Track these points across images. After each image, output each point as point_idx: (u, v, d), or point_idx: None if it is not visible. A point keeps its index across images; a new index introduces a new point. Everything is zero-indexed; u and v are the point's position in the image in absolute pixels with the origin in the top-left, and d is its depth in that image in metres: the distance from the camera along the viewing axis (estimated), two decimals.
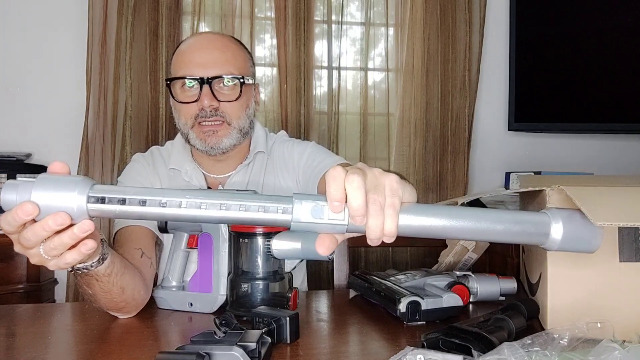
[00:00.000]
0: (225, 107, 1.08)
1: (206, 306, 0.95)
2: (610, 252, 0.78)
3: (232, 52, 1.10)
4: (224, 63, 1.07)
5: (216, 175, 1.17)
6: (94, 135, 1.89)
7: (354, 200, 0.55)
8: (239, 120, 1.10)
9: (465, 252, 1.64)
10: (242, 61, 1.12)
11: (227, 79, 1.07)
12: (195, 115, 1.07)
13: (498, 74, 2.19)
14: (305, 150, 1.20)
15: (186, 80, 1.06)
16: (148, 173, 1.17)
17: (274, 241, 0.89)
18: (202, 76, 1.05)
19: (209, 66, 1.06)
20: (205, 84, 1.05)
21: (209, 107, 1.06)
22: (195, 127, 1.09)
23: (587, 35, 2.04)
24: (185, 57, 1.09)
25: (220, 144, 1.09)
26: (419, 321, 0.88)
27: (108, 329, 0.87)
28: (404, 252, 2.06)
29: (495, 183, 2.20)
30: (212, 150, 1.09)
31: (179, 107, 1.10)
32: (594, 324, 0.71)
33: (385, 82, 2.13)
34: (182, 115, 1.10)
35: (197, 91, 1.06)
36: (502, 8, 2.16)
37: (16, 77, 1.94)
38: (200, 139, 1.09)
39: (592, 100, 2.06)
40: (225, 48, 1.10)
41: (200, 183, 1.15)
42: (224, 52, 1.09)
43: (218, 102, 1.07)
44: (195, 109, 1.07)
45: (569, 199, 0.71)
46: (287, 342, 0.77)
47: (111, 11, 1.90)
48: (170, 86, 1.10)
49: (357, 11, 2.14)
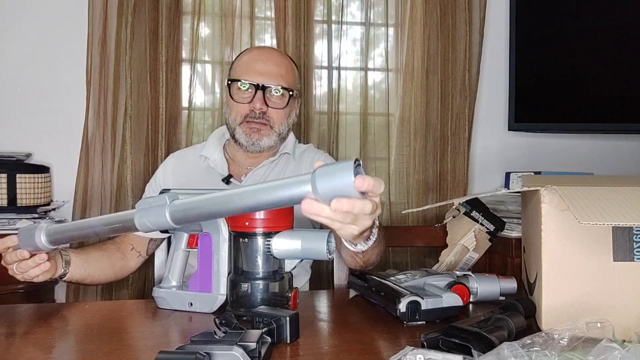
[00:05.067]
0: (272, 112, 1.27)
1: (206, 306, 0.95)
2: (605, 251, 0.79)
3: (286, 68, 1.30)
4: (278, 76, 1.27)
5: (243, 166, 1.33)
6: (94, 135, 1.89)
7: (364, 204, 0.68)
8: (280, 126, 1.29)
9: (466, 251, 1.64)
10: (292, 77, 1.31)
11: (278, 89, 1.26)
12: (245, 115, 1.26)
13: (498, 74, 2.19)
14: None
15: (245, 83, 1.26)
16: (158, 179, 1.37)
17: (273, 241, 0.90)
18: (258, 82, 1.25)
19: (265, 75, 1.26)
20: (260, 90, 1.25)
21: (258, 110, 1.25)
22: (243, 124, 1.27)
23: (586, 35, 2.04)
24: (248, 64, 1.29)
25: (261, 142, 1.27)
26: (419, 321, 0.88)
27: (108, 329, 0.87)
28: (404, 252, 2.06)
29: (495, 183, 2.20)
30: (252, 146, 1.27)
31: (232, 105, 1.28)
32: (594, 324, 0.71)
33: (385, 82, 2.13)
34: (234, 112, 1.28)
35: (251, 94, 1.26)
36: (502, 8, 2.16)
37: (16, 77, 1.93)
38: (245, 134, 1.26)
39: (592, 100, 2.06)
40: (282, 64, 1.29)
41: (223, 169, 1.31)
42: (280, 67, 1.28)
43: (267, 107, 1.26)
44: (247, 109, 1.26)
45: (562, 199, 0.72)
46: (287, 342, 0.77)
47: (111, 11, 1.89)
48: (229, 86, 1.29)
49: (357, 11, 2.14)
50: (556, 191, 0.77)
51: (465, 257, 1.65)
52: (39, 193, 1.77)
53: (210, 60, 2.02)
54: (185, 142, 1.97)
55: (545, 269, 0.81)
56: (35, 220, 1.72)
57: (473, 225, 1.63)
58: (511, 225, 1.67)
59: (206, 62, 2.03)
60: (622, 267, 0.78)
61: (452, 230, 1.67)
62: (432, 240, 1.75)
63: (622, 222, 0.67)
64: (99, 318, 0.93)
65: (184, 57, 2.00)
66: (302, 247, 0.88)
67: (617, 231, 0.78)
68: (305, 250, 0.88)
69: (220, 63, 2.00)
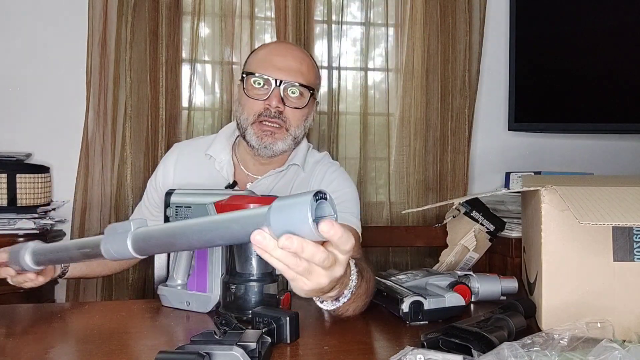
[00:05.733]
0: (289, 112, 1.13)
1: (201, 306, 0.95)
2: (605, 251, 0.79)
3: (307, 66, 1.16)
4: (298, 72, 1.13)
5: (250, 173, 1.22)
6: (94, 135, 1.89)
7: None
8: (296, 129, 1.15)
9: (466, 251, 1.64)
10: (313, 76, 1.18)
11: (298, 87, 1.13)
12: (258, 113, 1.12)
13: (498, 74, 2.19)
14: (341, 190, 1.18)
15: (260, 77, 1.12)
16: (158, 175, 1.26)
17: None
18: (276, 78, 1.11)
19: (284, 71, 1.12)
20: (277, 87, 1.11)
21: (274, 108, 1.11)
22: (255, 124, 1.13)
23: (586, 35, 2.04)
24: (265, 57, 1.15)
25: (274, 146, 1.13)
26: (421, 321, 0.88)
27: (108, 329, 0.87)
28: (404, 252, 2.06)
29: (495, 183, 2.20)
30: (264, 150, 1.14)
31: (245, 102, 1.15)
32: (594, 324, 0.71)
33: (385, 82, 2.13)
34: (246, 110, 1.15)
35: (267, 91, 1.12)
36: (502, 8, 2.16)
37: (16, 77, 1.93)
38: (257, 136, 1.13)
39: (592, 100, 2.06)
40: (303, 60, 1.16)
41: (229, 175, 1.19)
42: (301, 64, 1.14)
43: (284, 106, 1.12)
44: (261, 106, 1.12)
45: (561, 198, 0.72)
46: (287, 342, 0.77)
47: (111, 11, 1.90)
48: (243, 81, 1.15)
49: (357, 11, 2.14)
50: (556, 191, 0.77)
51: (466, 257, 1.65)
52: (39, 193, 1.77)
53: (210, 60, 2.02)
54: None
55: (545, 269, 0.81)
56: (35, 220, 1.72)
57: (473, 225, 1.63)
58: (511, 225, 1.67)
59: (206, 62, 2.03)
60: (622, 267, 0.78)
61: (452, 230, 1.67)
62: (432, 240, 1.76)
63: (622, 222, 0.67)
64: (99, 318, 0.93)
65: (184, 57, 2.00)
66: None
67: (617, 231, 0.78)
68: None
69: (220, 63, 2.00)
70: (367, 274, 0.88)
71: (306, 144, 1.26)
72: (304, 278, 0.59)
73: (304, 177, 1.21)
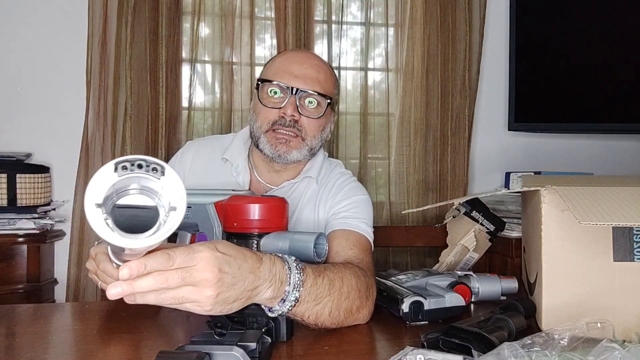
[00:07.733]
0: (305, 122, 1.10)
1: None
2: (605, 251, 0.79)
3: (325, 74, 1.13)
4: (315, 81, 1.10)
5: (264, 182, 1.18)
6: (94, 135, 1.89)
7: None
8: (312, 139, 1.12)
9: (466, 251, 1.64)
10: (331, 86, 1.15)
11: (315, 96, 1.10)
12: (273, 122, 1.09)
13: (498, 74, 2.19)
14: (351, 197, 1.15)
15: (276, 85, 1.09)
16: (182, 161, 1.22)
17: (262, 241, 0.89)
18: (292, 86, 1.08)
19: (301, 79, 1.09)
20: (293, 95, 1.08)
21: (289, 117, 1.08)
22: (268, 132, 1.10)
23: (586, 35, 2.04)
24: (282, 65, 1.12)
25: (289, 155, 1.10)
26: (421, 321, 0.88)
27: (108, 329, 0.87)
28: (404, 252, 2.06)
29: (495, 183, 2.20)
30: (278, 158, 1.10)
31: (259, 110, 1.12)
32: (594, 324, 0.71)
33: (385, 82, 2.13)
34: (260, 118, 1.12)
35: (282, 99, 1.09)
36: (502, 8, 2.16)
37: (16, 77, 1.93)
38: (270, 144, 1.10)
39: (591, 100, 2.06)
40: (320, 69, 1.13)
41: (245, 181, 1.16)
42: (319, 72, 1.12)
43: (299, 115, 1.09)
44: (276, 115, 1.09)
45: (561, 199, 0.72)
46: (284, 340, 0.77)
47: (111, 11, 1.89)
48: (258, 89, 1.12)
49: (357, 11, 2.14)
50: (556, 191, 0.77)
51: (466, 257, 1.65)
52: (39, 193, 1.77)
53: (210, 60, 2.02)
54: (185, 142, 1.97)
55: (545, 269, 0.81)
56: (35, 220, 1.72)
57: (473, 225, 1.63)
58: (511, 225, 1.67)
59: (206, 62, 2.03)
60: (622, 267, 0.78)
61: (452, 230, 1.67)
62: (432, 240, 1.75)
63: (622, 222, 0.67)
64: (99, 318, 0.93)
65: (184, 57, 2.00)
66: (290, 248, 0.86)
67: (617, 231, 0.78)
68: (293, 251, 0.86)
69: (220, 63, 2.00)
70: (335, 275, 0.82)
71: (322, 155, 1.22)
72: (187, 294, 0.64)
73: (315, 188, 1.18)
